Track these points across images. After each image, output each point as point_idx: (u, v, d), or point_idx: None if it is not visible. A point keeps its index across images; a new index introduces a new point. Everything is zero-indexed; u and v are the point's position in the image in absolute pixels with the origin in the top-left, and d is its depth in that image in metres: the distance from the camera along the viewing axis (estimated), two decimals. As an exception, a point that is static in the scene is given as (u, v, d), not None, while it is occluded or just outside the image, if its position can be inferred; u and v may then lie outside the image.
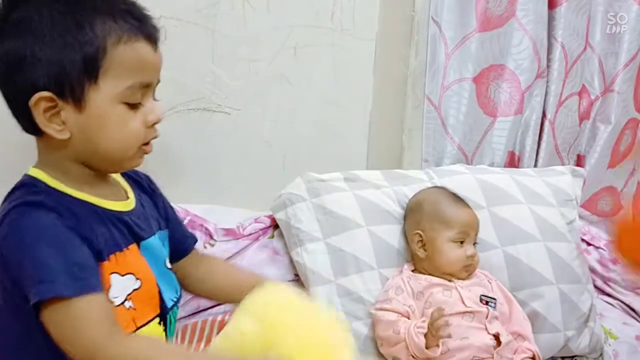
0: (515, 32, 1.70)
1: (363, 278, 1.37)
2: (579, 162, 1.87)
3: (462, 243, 1.33)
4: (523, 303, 1.41)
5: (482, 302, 1.29)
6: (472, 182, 1.54)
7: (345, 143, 1.62)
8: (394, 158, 1.75)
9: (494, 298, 1.31)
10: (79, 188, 0.90)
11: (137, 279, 0.92)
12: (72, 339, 0.81)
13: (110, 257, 0.88)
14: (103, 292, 0.84)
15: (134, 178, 1.04)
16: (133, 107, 0.87)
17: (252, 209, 1.58)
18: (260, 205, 1.56)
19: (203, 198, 1.56)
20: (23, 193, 0.86)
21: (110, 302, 0.87)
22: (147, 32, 0.88)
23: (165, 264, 1.01)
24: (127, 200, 0.97)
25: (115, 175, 0.99)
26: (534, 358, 1.29)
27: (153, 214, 1.03)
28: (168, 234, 1.07)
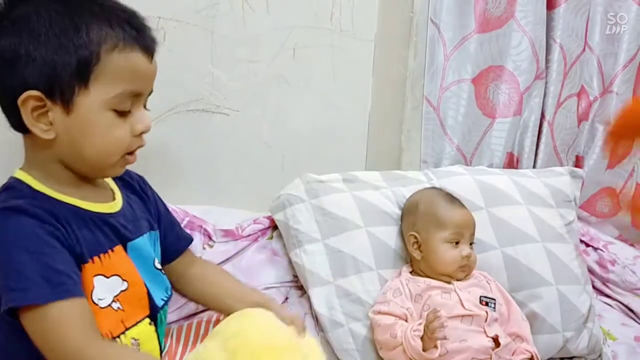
0: (514, 33, 1.70)
1: (362, 279, 1.37)
2: (578, 163, 1.87)
3: (457, 243, 1.32)
4: (522, 304, 1.41)
5: (481, 302, 1.29)
6: (470, 183, 1.54)
7: (344, 144, 1.62)
8: (393, 159, 1.75)
9: (494, 299, 1.31)
10: (63, 190, 0.90)
11: (123, 281, 0.92)
12: (50, 345, 0.81)
13: (94, 259, 0.89)
14: (83, 296, 0.84)
15: (125, 179, 1.03)
16: (122, 114, 0.88)
17: (251, 210, 1.58)
18: (259, 206, 1.56)
19: (202, 199, 1.56)
20: (5, 197, 0.86)
21: (95, 304, 0.87)
22: (143, 42, 0.88)
23: (154, 265, 1.01)
24: (113, 202, 0.98)
25: None
26: (533, 359, 1.29)
27: (143, 215, 1.03)
28: (160, 235, 1.07)
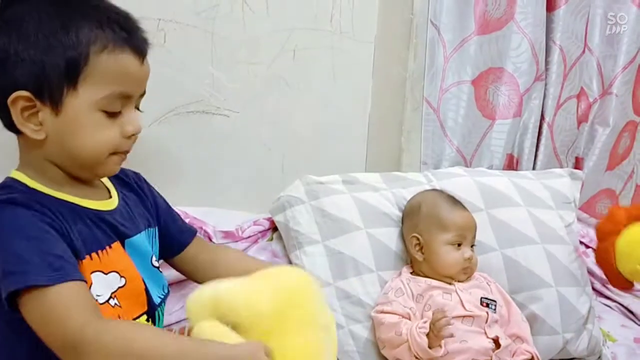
0: (514, 35, 1.70)
1: (362, 281, 1.37)
2: (578, 164, 1.87)
3: (459, 246, 1.33)
4: (522, 305, 1.41)
5: (482, 304, 1.29)
6: (470, 184, 1.54)
7: (344, 145, 1.62)
8: (393, 160, 1.75)
9: (494, 300, 1.31)
10: (59, 188, 0.90)
11: (121, 277, 0.92)
12: (51, 328, 0.80)
13: (92, 255, 0.89)
14: (83, 280, 0.83)
15: (120, 177, 1.03)
16: (111, 115, 0.88)
17: (250, 212, 1.58)
18: (259, 208, 1.56)
19: (202, 200, 1.56)
20: (1, 194, 0.86)
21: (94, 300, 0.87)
22: (134, 44, 0.88)
23: (152, 262, 1.01)
24: (109, 200, 0.98)
25: None
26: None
27: (140, 212, 1.03)
28: (161, 231, 1.07)
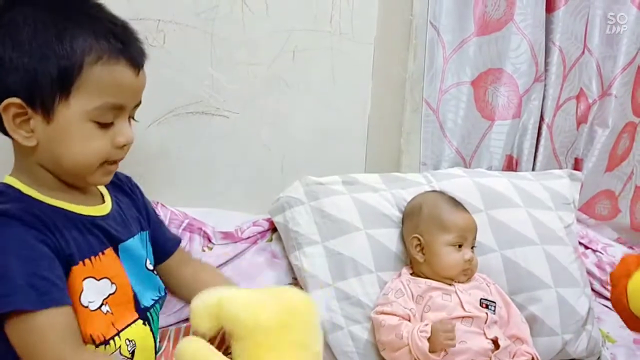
0: (513, 36, 1.70)
1: (361, 281, 1.37)
2: (577, 165, 1.87)
3: (460, 247, 1.33)
4: (521, 306, 1.41)
5: (482, 305, 1.29)
6: (470, 185, 1.54)
7: (344, 146, 1.62)
8: (392, 161, 1.75)
9: (494, 301, 1.32)
10: (52, 194, 0.89)
11: (112, 284, 0.92)
12: (33, 354, 0.80)
13: (85, 261, 0.88)
14: (68, 304, 0.83)
15: (113, 181, 1.02)
16: (103, 126, 0.87)
17: (250, 212, 1.58)
18: (259, 209, 1.56)
19: (201, 201, 1.56)
20: None
21: (85, 307, 0.87)
22: (129, 55, 0.87)
23: (146, 265, 1.01)
24: (102, 205, 0.97)
25: None
26: (533, 361, 1.29)
27: (133, 216, 1.03)
28: (150, 235, 1.06)
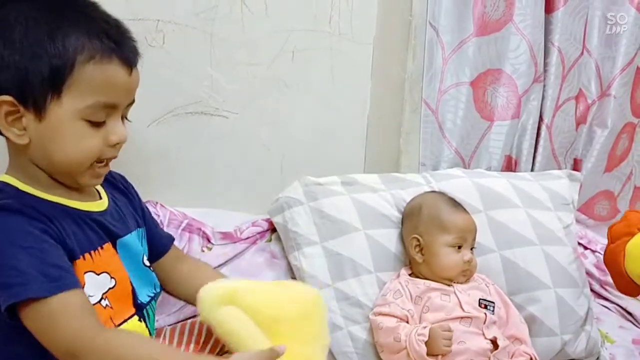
0: (513, 36, 1.70)
1: (361, 282, 1.37)
2: (576, 166, 1.87)
3: (459, 248, 1.33)
4: (520, 307, 1.41)
5: (481, 305, 1.29)
6: (469, 185, 1.54)
7: (343, 147, 1.62)
8: (392, 162, 1.75)
9: (493, 302, 1.32)
10: (50, 191, 0.90)
11: (111, 278, 0.93)
12: (53, 336, 0.81)
13: (85, 255, 0.89)
14: (80, 288, 0.84)
15: (108, 179, 1.03)
16: (95, 125, 0.87)
17: (249, 213, 1.58)
18: (258, 209, 1.56)
19: (200, 201, 1.56)
20: None
21: None
22: (122, 54, 0.88)
23: (143, 261, 1.02)
24: (99, 201, 0.98)
25: None
26: (532, 361, 1.29)
27: (129, 213, 1.04)
28: (145, 232, 1.07)
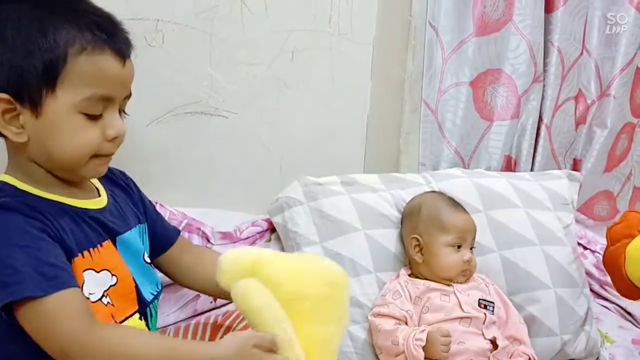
0: (512, 36, 1.70)
1: (360, 282, 1.37)
2: (575, 166, 1.87)
3: (459, 248, 1.32)
4: (520, 307, 1.41)
5: (480, 306, 1.29)
6: (469, 185, 1.54)
7: (343, 147, 1.62)
8: (391, 162, 1.75)
9: (492, 302, 1.31)
10: (48, 189, 0.90)
11: (112, 275, 0.92)
12: (47, 336, 0.81)
13: (84, 253, 0.89)
14: (77, 286, 0.84)
15: (107, 175, 1.03)
16: (92, 118, 0.87)
17: (249, 213, 1.58)
18: (258, 209, 1.56)
19: (200, 201, 1.56)
20: None
21: (87, 298, 0.87)
22: (114, 45, 0.88)
23: (144, 258, 1.02)
24: (98, 198, 0.98)
25: None
26: (531, 361, 1.29)
27: (130, 209, 1.04)
28: (148, 228, 1.07)
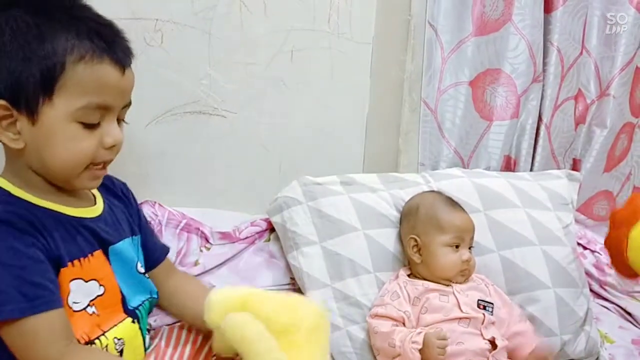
0: (512, 36, 1.70)
1: (359, 282, 1.37)
2: (575, 166, 1.87)
3: (457, 247, 1.32)
4: (520, 307, 1.40)
5: (479, 306, 1.29)
6: (468, 185, 1.54)
7: (342, 146, 1.62)
8: (391, 161, 1.75)
9: (492, 303, 1.31)
10: (42, 196, 0.89)
11: (100, 285, 0.92)
12: (26, 355, 0.82)
13: (74, 262, 0.88)
14: (60, 307, 0.84)
15: (106, 185, 1.03)
16: (89, 127, 0.87)
17: (248, 212, 1.58)
18: (257, 209, 1.56)
19: (199, 201, 1.56)
20: None
21: (69, 307, 0.87)
22: (113, 54, 0.87)
23: (137, 268, 1.01)
24: (93, 207, 0.97)
25: None
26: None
27: (125, 220, 1.03)
28: (141, 241, 1.07)
